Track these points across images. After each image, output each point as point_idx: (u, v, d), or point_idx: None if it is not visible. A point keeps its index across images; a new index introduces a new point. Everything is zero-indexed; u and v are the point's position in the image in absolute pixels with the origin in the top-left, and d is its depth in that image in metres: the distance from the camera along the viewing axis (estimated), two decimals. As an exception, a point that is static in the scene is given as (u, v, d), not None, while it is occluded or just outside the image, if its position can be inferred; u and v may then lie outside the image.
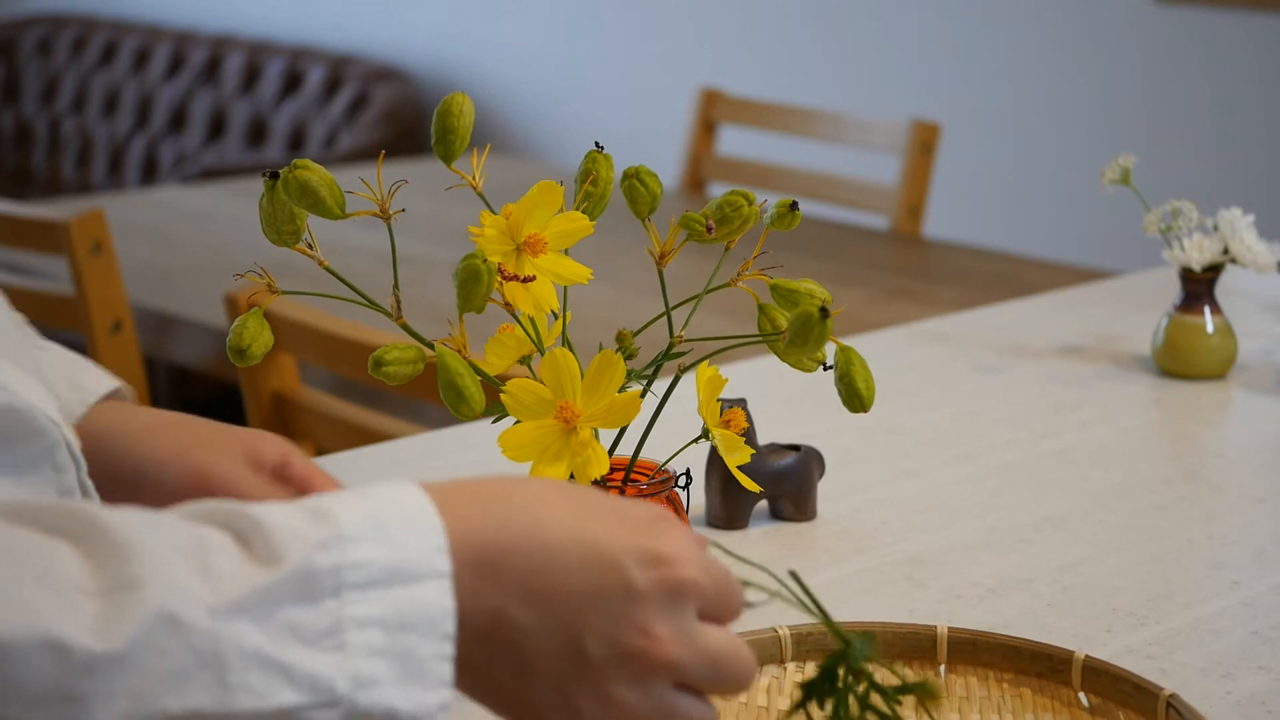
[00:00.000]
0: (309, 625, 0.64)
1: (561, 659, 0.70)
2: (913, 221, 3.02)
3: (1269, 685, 1.02)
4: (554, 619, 0.69)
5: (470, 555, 0.68)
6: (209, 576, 0.63)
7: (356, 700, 0.64)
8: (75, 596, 0.61)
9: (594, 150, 1.04)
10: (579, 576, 0.70)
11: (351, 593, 0.64)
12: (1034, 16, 3.84)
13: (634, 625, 0.70)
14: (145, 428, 0.91)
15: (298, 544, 0.65)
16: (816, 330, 0.95)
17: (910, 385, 1.63)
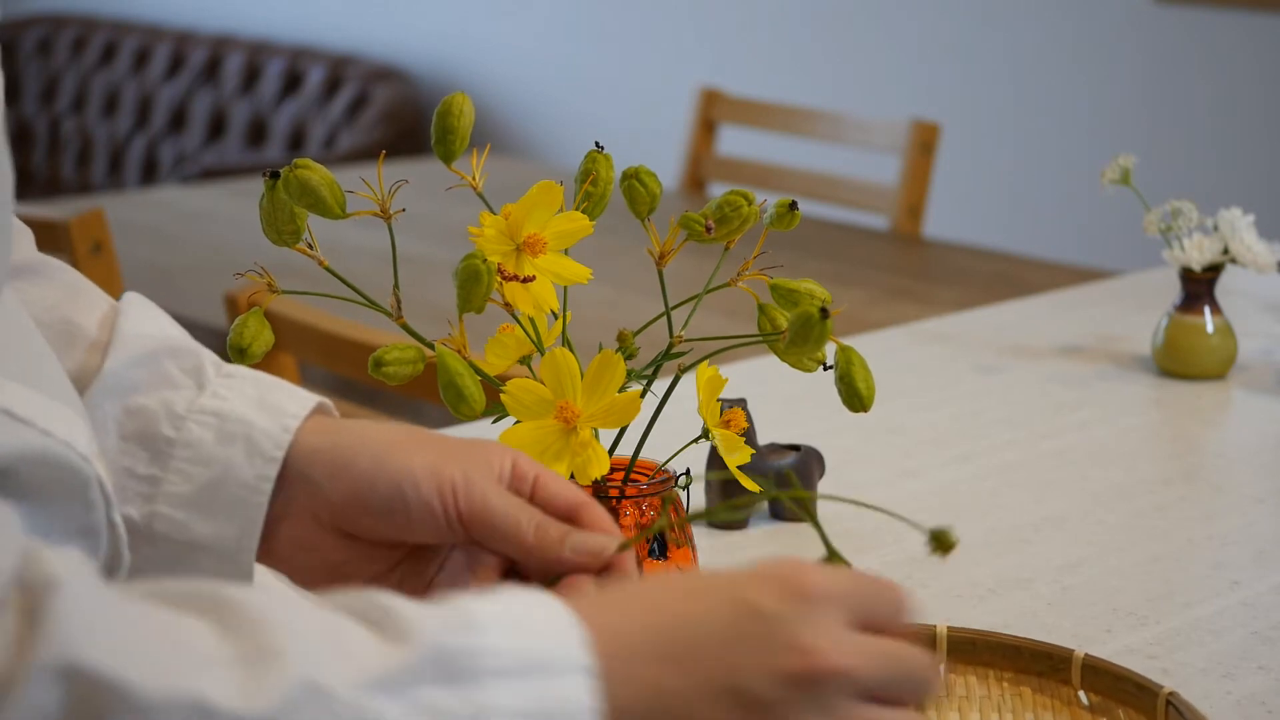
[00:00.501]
0: (449, 710, 0.62)
1: (733, 710, 0.67)
2: (913, 221, 3.02)
3: (1269, 685, 1.02)
4: (706, 674, 0.67)
5: (608, 643, 0.67)
6: (344, 653, 0.62)
7: None
8: (215, 664, 0.60)
9: (594, 150, 1.04)
10: (710, 623, 0.68)
11: (490, 680, 0.63)
12: (1034, 16, 3.84)
13: (783, 647, 0.67)
14: (393, 443, 0.85)
15: (431, 626, 0.64)
16: (816, 330, 0.95)
17: (910, 385, 1.63)
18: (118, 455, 0.86)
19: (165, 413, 0.87)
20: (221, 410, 0.87)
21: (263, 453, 0.86)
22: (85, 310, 0.91)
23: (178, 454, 0.86)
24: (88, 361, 0.88)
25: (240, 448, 0.86)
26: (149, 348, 0.89)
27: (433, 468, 0.83)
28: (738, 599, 0.68)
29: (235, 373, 0.90)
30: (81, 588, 0.60)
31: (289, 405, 0.88)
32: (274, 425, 0.87)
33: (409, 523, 0.82)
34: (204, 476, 0.86)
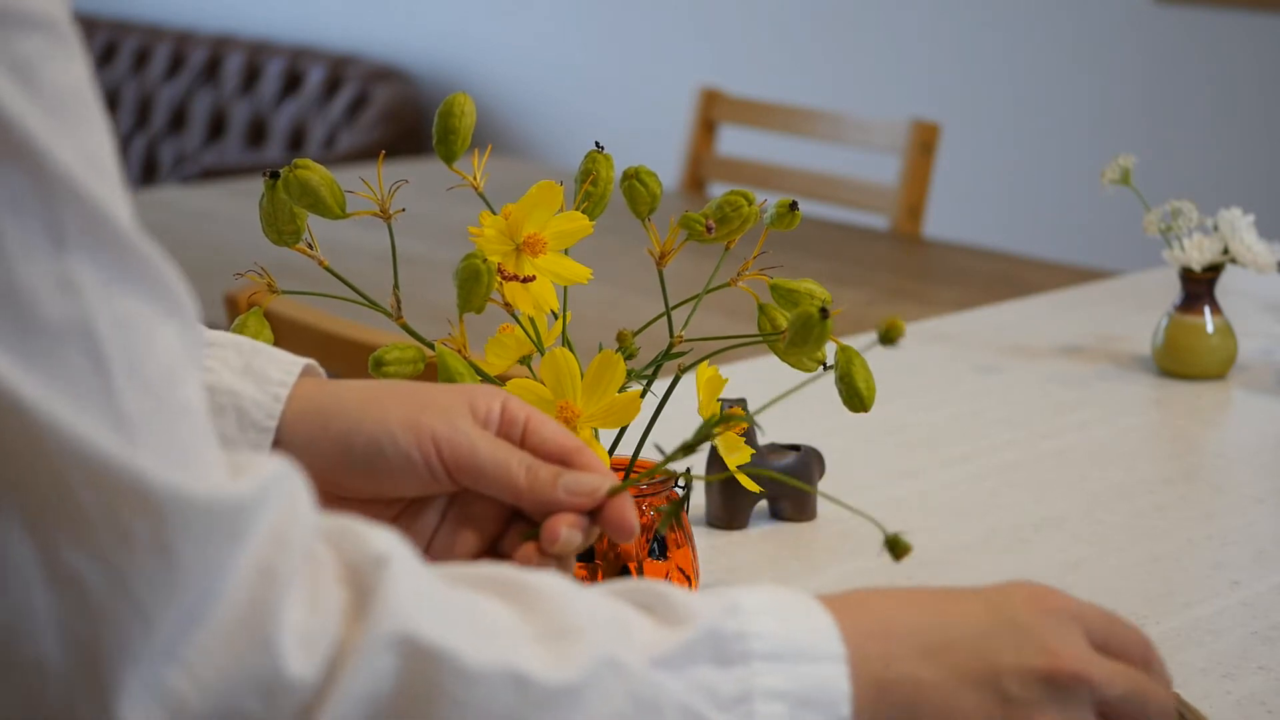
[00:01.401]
0: (722, 689, 0.66)
1: (986, 702, 0.71)
2: (913, 221, 3.02)
3: (1269, 685, 1.02)
4: (963, 667, 0.71)
5: (863, 631, 0.70)
6: (631, 634, 0.66)
7: None
8: (521, 638, 0.64)
9: (594, 150, 1.04)
10: (966, 624, 0.72)
11: (759, 662, 0.67)
12: (1034, 16, 3.84)
13: (1035, 649, 0.72)
14: (368, 399, 0.85)
15: (703, 610, 0.67)
16: (816, 330, 0.95)
17: (910, 385, 1.63)
18: None
19: None
20: (208, 383, 0.87)
21: (255, 423, 0.86)
22: None
23: None
24: None
25: (231, 419, 0.86)
26: None
27: (410, 421, 0.84)
28: (992, 606, 0.74)
29: (216, 340, 0.90)
30: (408, 564, 0.63)
31: (274, 373, 0.88)
32: (264, 395, 0.87)
33: (392, 478, 0.83)
34: None
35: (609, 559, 1.03)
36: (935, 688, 0.71)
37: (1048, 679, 0.71)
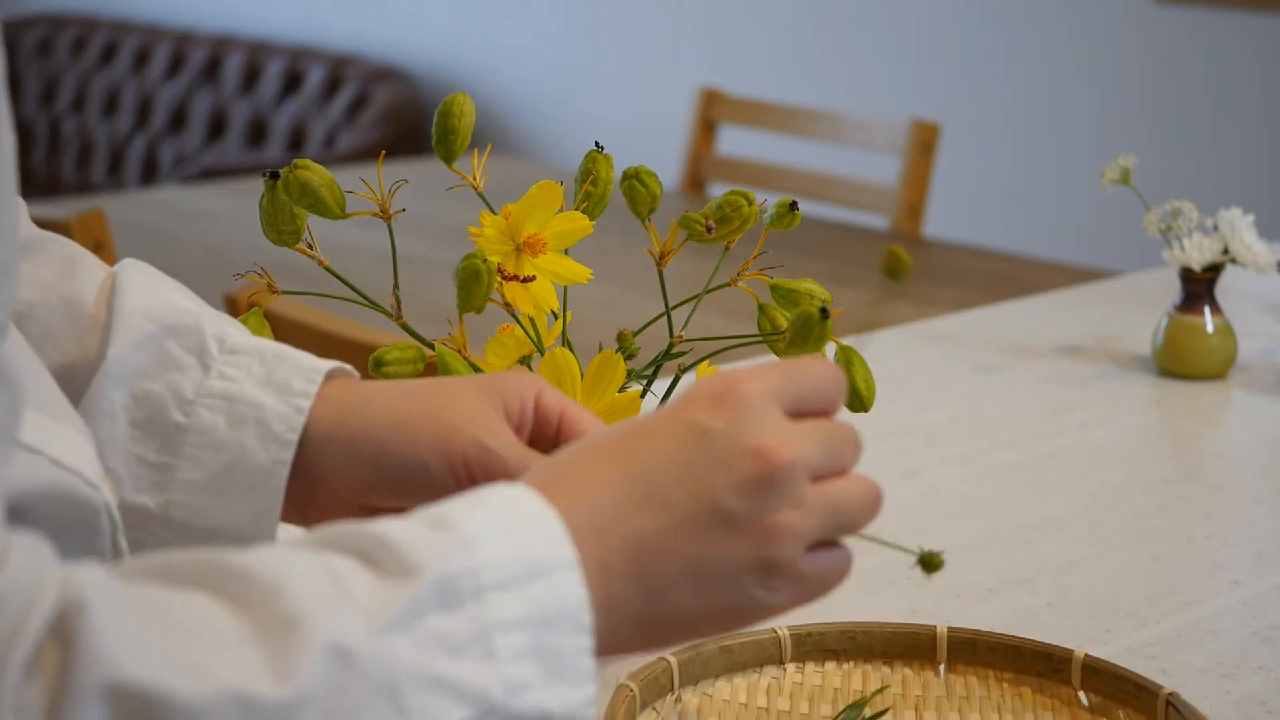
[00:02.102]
0: (456, 633, 0.63)
1: (715, 532, 0.68)
2: (913, 221, 3.02)
3: (1269, 685, 1.02)
4: (678, 508, 0.68)
5: (580, 516, 0.67)
6: (353, 602, 0.62)
7: (511, 707, 0.63)
8: (238, 647, 0.60)
9: (594, 150, 1.04)
10: (666, 458, 0.69)
11: (491, 594, 0.63)
12: (1034, 16, 3.84)
13: (737, 457, 0.68)
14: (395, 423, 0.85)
15: (428, 553, 0.63)
16: (816, 330, 0.95)
17: (910, 385, 1.63)
18: (129, 443, 0.86)
19: (173, 398, 0.87)
20: (230, 392, 0.87)
21: (276, 436, 0.86)
22: (85, 286, 0.91)
23: (189, 440, 0.86)
24: (90, 344, 0.88)
25: (252, 431, 0.86)
26: (149, 329, 0.89)
27: (441, 445, 0.83)
28: (682, 424, 0.69)
29: (239, 347, 0.89)
30: (108, 598, 0.59)
31: (297, 383, 0.88)
32: (285, 406, 0.87)
33: (425, 495, 0.81)
34: (218, 462, 0.86)
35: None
36: (661, 542, 0.68)
37: (764, 482, 0.68)
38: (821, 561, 0.72)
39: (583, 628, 0.65)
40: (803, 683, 0.97)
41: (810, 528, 0.70)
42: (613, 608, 0.67)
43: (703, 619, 0.70)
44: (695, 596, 0.69)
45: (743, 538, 0.68)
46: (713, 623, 0.71)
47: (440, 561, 0.63)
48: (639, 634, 0.69)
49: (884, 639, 0.98)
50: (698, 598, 0.69)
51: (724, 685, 0.96)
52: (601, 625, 0.66)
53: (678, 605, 0.69)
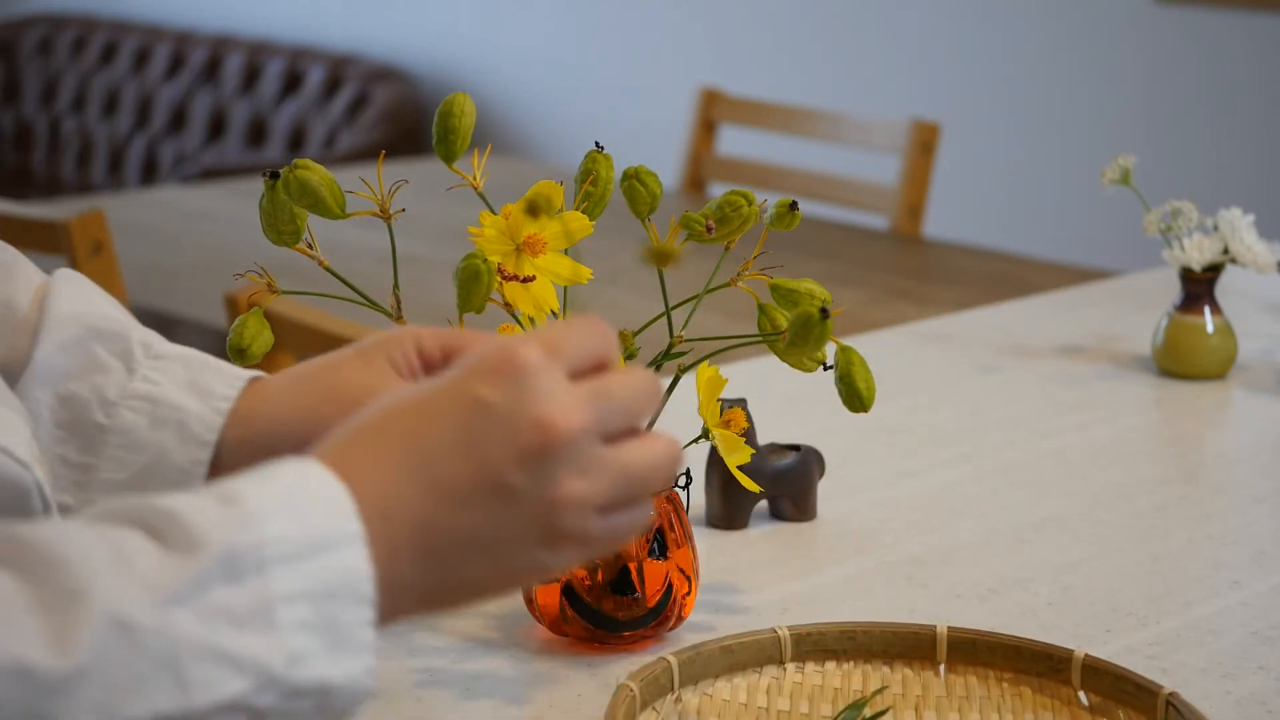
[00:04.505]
0: (239, 606, 0.63)
1: (504, 507, 0.68)
2: (913, 221, 3.02)
3: (1269, 685, 1.02)
4: (464, 487, 0.68)
5: (369, 493, 0.67)
6: (137, 576, 0.63)
7: (291, 678, 0.64)
8: (21, 617, 0.61)
9: (594, 150, 1.04)
10: (448, 434, 0.68)
11: (275, 567, 0.64)
12: (1034, 16, 3.84)
13: (518, 430, 0.68)
14: (304, 429, 0.86)
15: (214, 528, 0.64)
16: (816, 330, 0.95)
17: (910, 385, 1.63)
18: (52, 443, 0.88)
19: (97, 399, 0.89)
20: (153, 395, 0.88)
21: (195, 437, 0.87)
22: (20, 289, 0.92)
23: (111, 441, 0.88)
24: (20, 344, 0.90)
25: (172, 432, 0.88)
26: (76, 332, 0.90)
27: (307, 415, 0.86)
28: (463, 399, 0.69)
29: (165, 353, 0.91)
30: None
31: (218, 387, 0.89)
32: (205, 409, 0.88)
33: None
34: (137, 463, 0.87)
35: (609, 559, 1.03)
36: (446, 521, 0.68)
37: (547, 453, 0.68)
38: (614, 522, 0.71)
39: (365, 600, 0.66)
40: (803, 683, 0.97)
41: (598, 494, 0.69)
42: (398, 585, 0.68)
43: (489, 585, 0.71)
44: (481, 566, 0.69)
45: (529, 510, 0.68)
46: (499, 587, 0.71)
47: (226, 535, 0.64)
48: (424, 603, 0.70)
49: (884, 639, 0.98)
50: (484, 567, 0.69)
51: (724, 685, 0.96)
52: (386, 600, 0.67)
53: (464, 576, 0.70)
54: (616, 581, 1.03)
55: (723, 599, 1.13)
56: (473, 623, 1.09)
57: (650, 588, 1.04)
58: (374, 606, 0.66)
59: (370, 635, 0.66)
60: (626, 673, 1.00)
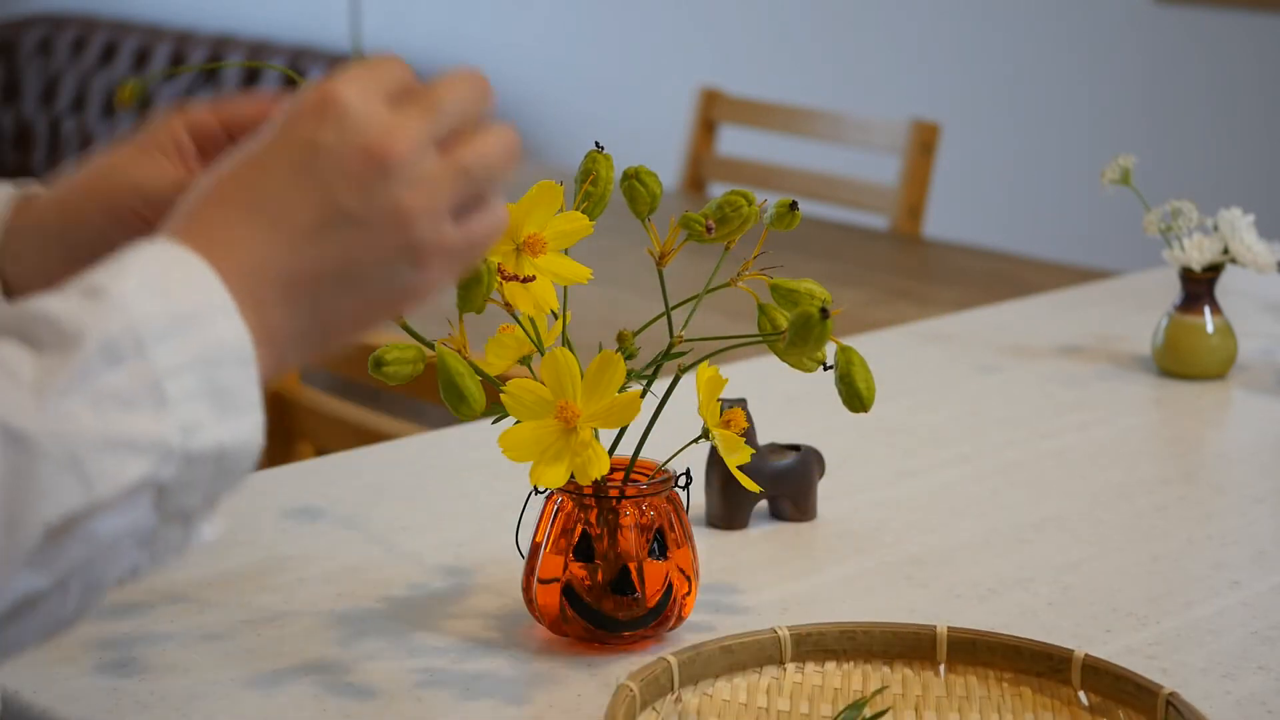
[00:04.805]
0: (126, 389, 0.65)
1: (348, 238, 0.70)
2: (913, 221, 3.02)
3: (1269, 685, 1.02)
4: (319, 235, 0.70)
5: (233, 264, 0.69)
6: (21, 384, 0.64)
7: (189, 448, 0.66)
8: None
9: (594, 150, 1.04)
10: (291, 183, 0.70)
11: (153, 346, 0.66)
12: (1034, 16, 3.84)
13: (348, 158, 0.69)
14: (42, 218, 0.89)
15: (86, 321, 0.65)
16: (816, 330, 0.95)
17: (910, 385, 1.63)
18: None
19: None
20: None
21: None
22: None
23: None
24: None
25: None
26: None
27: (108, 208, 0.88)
28: (291, 145, 0.70)
29: None
30: None
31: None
32: None
33: None
34: None
35: (609, 559, 1.03)
36: (303, 262, 0.70)
37: (379, 174, 0.70)
38: (470, 226, 0.73)
39: (246, 360, 0.68)
40: (803, 683, 0.97)
41: (442, 200, 0.71)
42: (273, 337, 0.70)
43: (367, 314, 0.72)
44: (352, 298, 0.71)
45: (379, 232, 0.70)
46: (378, 314, 0.73)
47: (100, 325, 0.65)
48: (306, 348, 0.72)
49: (884, 639, 0.98)
50: (355, 298, 0.71)
51: (724, 685, 0.96)
52: (265, 355, 0.69)
53: (337, 312, 0.71)
54: (616, 581, 1.03)
55: (723, 599, 1.13)
56: (473, 623, 1.09)
57: (650, 588, 1.04)
58: (255, 365, 0.68)
59: (256, 394, 0.68)
60: (626, 673, 1.00)
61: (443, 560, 1.19)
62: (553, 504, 1.05)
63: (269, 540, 1.22)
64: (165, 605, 1.11)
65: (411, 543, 1.22)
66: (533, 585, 1.05)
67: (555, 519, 1.04)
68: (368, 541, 1.22)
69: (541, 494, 1.05)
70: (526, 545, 1.06)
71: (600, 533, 1.03)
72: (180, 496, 0.67)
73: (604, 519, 1.03)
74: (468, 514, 1.28)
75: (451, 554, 1.20)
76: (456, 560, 1.19)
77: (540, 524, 1.05)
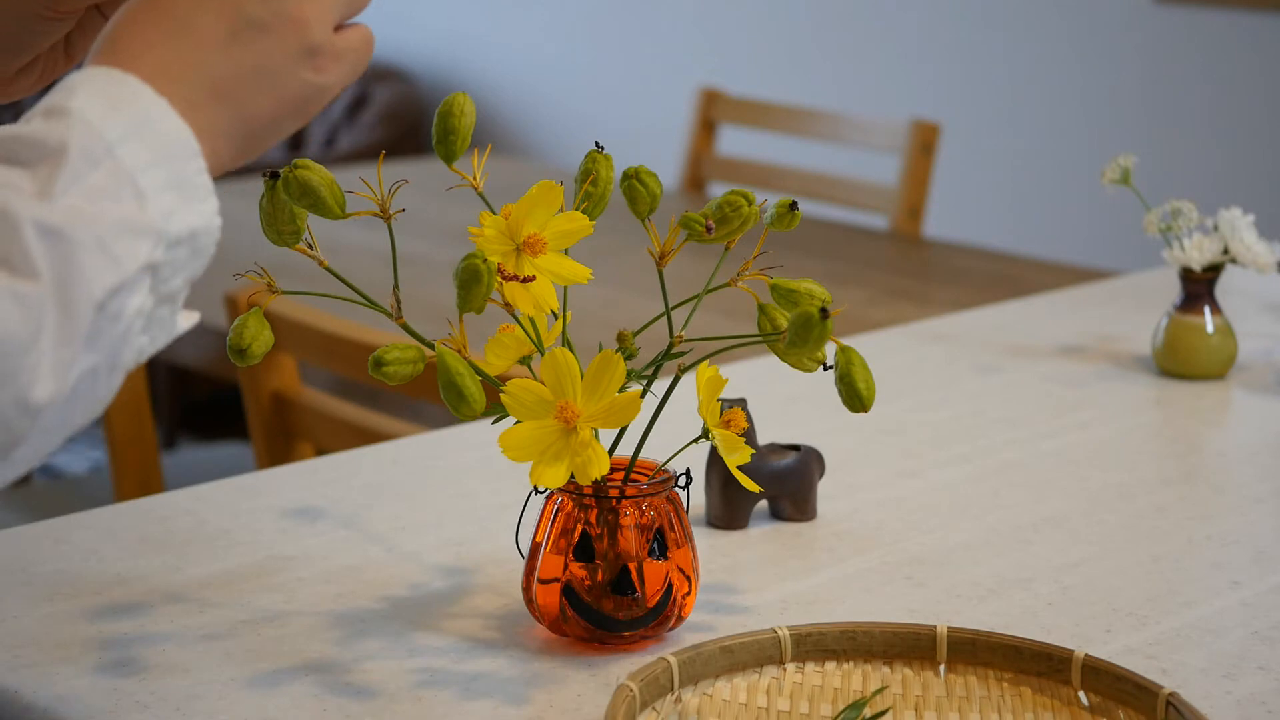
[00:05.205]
0: (110, 186, 0.73)
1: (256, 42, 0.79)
2: (913, 221, 3.02)
3: (1269, 685, 1.02)
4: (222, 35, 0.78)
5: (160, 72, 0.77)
6: (25, 191, 0.72)
7: (169, 231, 0.75)
8: None
9: (594, 150, 1.04)
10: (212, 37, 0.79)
11: (119, 148, 0.74)
12: (1034, 16, 3.84)
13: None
14: None
15: (61, 134, 0.73)
16: (816, 330, 0.95)
17: (910, 385, 1.63)
18: None
19: None
20: None
21: None
22: None
23: None
24: None
25: None
26: None
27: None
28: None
29: None
30: None
31: None
32: None
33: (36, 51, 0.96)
34: None
35: (609, 559, 1.03)
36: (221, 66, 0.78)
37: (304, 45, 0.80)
38: (350, 38, 0.83)
39: (195, 153, 0.77)
40: (803, 683, 0.97)
41: (328, 10, 0.81)
42: (208, 133, 0.78)
43: (282, 113, 0.81)
44: (268, 98, 0.80)
45: (280, 35, 0.80)
46: (291, 113, 0.81)
47: (73, 136, 0.74)
48: (235, 147, 0.80)
49: (884, 639, 0.98)
50: (269, 98, 0.80)
51: (724, 685, 0.96)
52: (205, 150, 0.78)
53: (257, 111, 0.80)
54: (616, 581, 1.03)
55: (723, 599, 1.13)
56: (473, 623, 1.09)
57: (650, 588, 1.04)
58: (202, 158, 0.77)
59: (208, 182, 0.77)
60: (626, 673, 1.00)
61: (443, 560, 1.19)
62: (553, 504, 1.05)
63: (269, 540, 1.22)
64: (165, 605, 1.11)
65: (411, 543, 1.22)
66: (533, 585, 1.05)
67: (555, 519, 1.04)
68: (368, 541, 1.22)
69: (541, 494, 1.05)
70: (526, 545, 1.06)
71: (600, 533, 1.03)
72: (168, 278, 0.76)
73: (604, 519, 1.03)
74: (468, 514, 1.28)
75: (451, 554, 1.20)
76: (456, 560, 1.19)
77: (540, 524, 1.05)
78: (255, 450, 2.03)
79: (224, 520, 1.25)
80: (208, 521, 1.25)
